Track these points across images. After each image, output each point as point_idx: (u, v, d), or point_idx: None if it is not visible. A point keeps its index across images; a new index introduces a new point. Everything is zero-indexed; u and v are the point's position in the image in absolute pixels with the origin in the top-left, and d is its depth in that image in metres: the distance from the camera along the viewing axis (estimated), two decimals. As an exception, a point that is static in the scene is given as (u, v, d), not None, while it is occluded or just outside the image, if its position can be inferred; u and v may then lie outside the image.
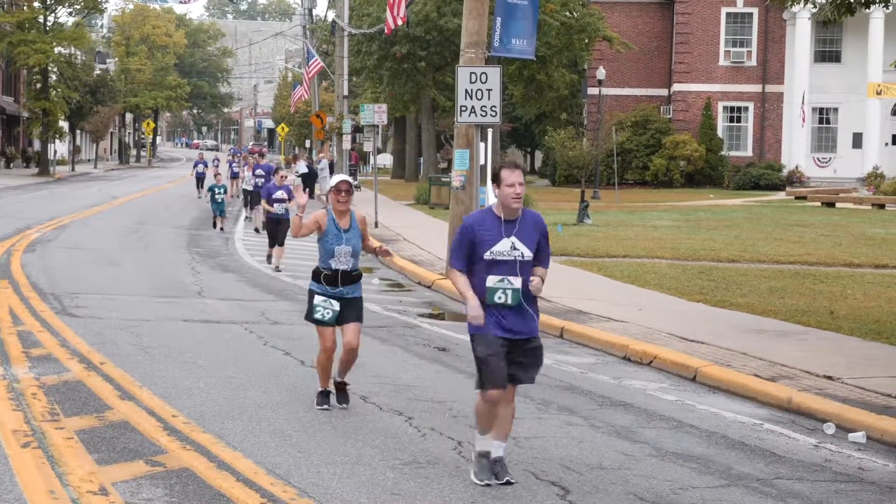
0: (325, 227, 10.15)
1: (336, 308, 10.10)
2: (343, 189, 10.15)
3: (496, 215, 8.23)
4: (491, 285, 8.12)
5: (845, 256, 24.95)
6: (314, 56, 57.13)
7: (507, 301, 8.09)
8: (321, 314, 10.12)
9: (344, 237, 10.15)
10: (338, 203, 10.16)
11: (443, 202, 37.94)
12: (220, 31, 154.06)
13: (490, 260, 8.11)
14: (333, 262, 10.13)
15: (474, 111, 20.23)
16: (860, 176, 58.32)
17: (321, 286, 10.19)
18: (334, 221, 10.19)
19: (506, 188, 8.16)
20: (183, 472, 8.22)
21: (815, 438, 10.01)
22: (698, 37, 62.01)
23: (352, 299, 10.26)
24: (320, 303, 10.12)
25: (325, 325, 10.18)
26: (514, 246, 8.14)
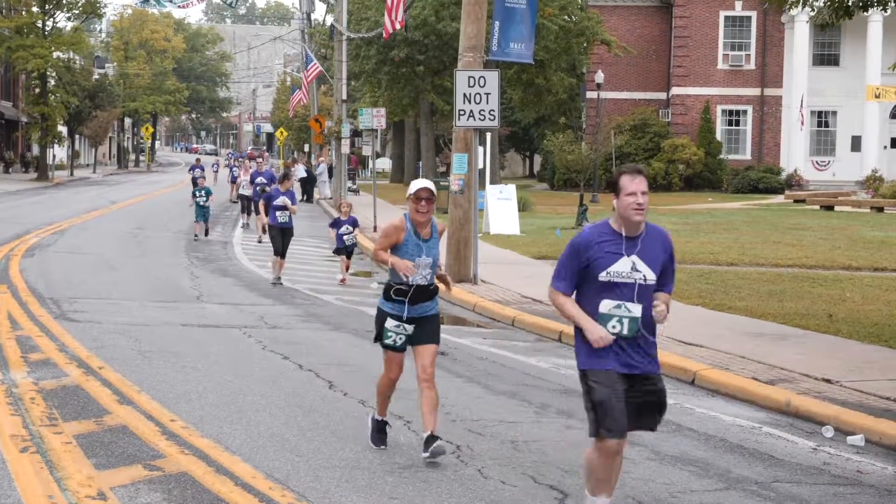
0: (405, 235, 9.05)
1: (409, 332, 9.11)
2: (423, 197, 8.99)
3: (615, 230, 7.15)
4: (605, 311, 7.06)
5: (844, 259, 24.95)
6: (313, 60, 57.13)
7: (623, 331, 7.05)
8: (393, 340, 9.12)
9: (424, 247, 9.06)
10: (417, 213, 9.00)
11: (442, 206, 37.82)
12: (218, 36, 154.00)
13: (606, 282, 7.04)
14: (408, 277, 8.97)
15: (473, 115, 20.23)
16: (859, 179, 58.36)
17: (393, 305, 9.06)
18: (414, 230, 9.06)
19: (626, 198, 7.02)
20: (181, 476, 8.21)
21: (814, 441, 10.00)
22: (697, 40, 62.06)
23: (429, 318, 9.17)
24: (393, 328, 9.09)
25: (396, 352, 9.25)
26: (635, 267, 7.07)
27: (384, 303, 9.15)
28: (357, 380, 12.03)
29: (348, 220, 22.09)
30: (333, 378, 12.06)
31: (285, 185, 21.69)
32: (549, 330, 15.78)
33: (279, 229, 21.38)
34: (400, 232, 9.03)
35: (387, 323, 9.11)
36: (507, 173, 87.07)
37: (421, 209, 8.99)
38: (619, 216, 7.09)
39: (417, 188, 9.06)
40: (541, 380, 12.53)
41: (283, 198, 21.30)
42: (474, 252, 20.86)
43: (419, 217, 9.02)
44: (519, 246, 27.38)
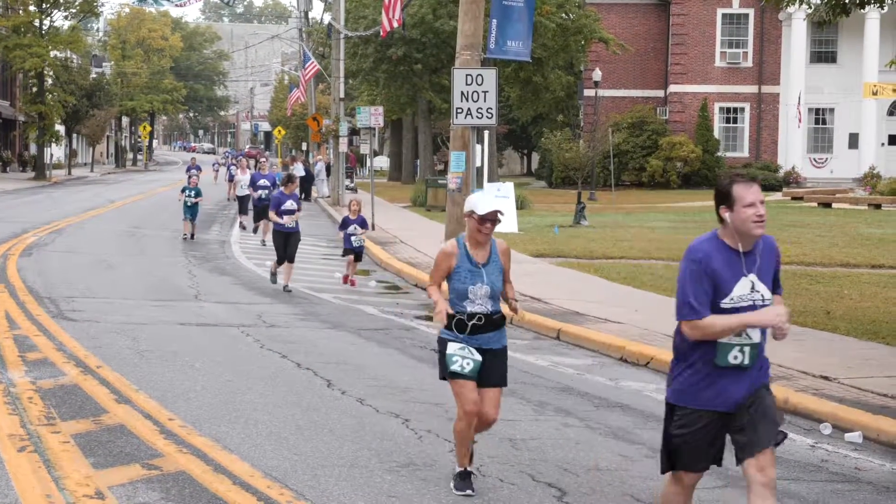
0: (457, 261, 8.06)
1: (478, 358, 7.97)
2: (490, 219, 7.95)
3: (727, 245, 6.19)
4: (724, 341, 6.18)
5: (842, 257, 24.96)
6: (310, 59, 57.11)
7: (745, 361, 6.20)
8: (459, 365, 7.91)
9: (480, 274, 8.03)
10: (479, 233, 7.98)
11: (439, 204, 37.96)
12: (216, 35, 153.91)
13: (727, 309, 6.14)
14: (469, 304, 8.01)
15: (470, 113, 20.23)
16: (857, 176, 58.39)
17: (455, 334, 8.03)
18: (467, 254, 8.06)
19: (744, 210, 6.09)
20: (179, 475, 8.21)
21: (812, 438, 10.01)
22: (694, 38, 62.07)
23: (495, 352, 8.11)
24: (457, 351, 7.95)
25: (466, 379, 7.95)
26: (753, 286, 6.18)
27: (444, 331, 8.10)
28: (355, 378, 12.04)
29: (357, 219, 21.01)
30: (332, 377, 12.06)
31: (290, 188, 20.47)
32: (547, 328, 15.79)
33: (285, 235, 20.10)
34: (450, 259, 8.05)
35: (449, 348, 8.00)
36: (504, 171, 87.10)
37: (484, 231, 7.98)
38: (736, 230, 6.12)
39: (487, 210, 7.94)
40: (539, 378, 12.53)
41: (290, 201, 20.06)
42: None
43: (479, 237, 8.02)
44: (517, 244, 27.37)
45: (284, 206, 20.01)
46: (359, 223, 20.94)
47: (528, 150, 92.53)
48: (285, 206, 20.02)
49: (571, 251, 25.67)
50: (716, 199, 6.26)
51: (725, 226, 6.17)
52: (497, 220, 8.00)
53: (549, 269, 22.79)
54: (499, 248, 8.19)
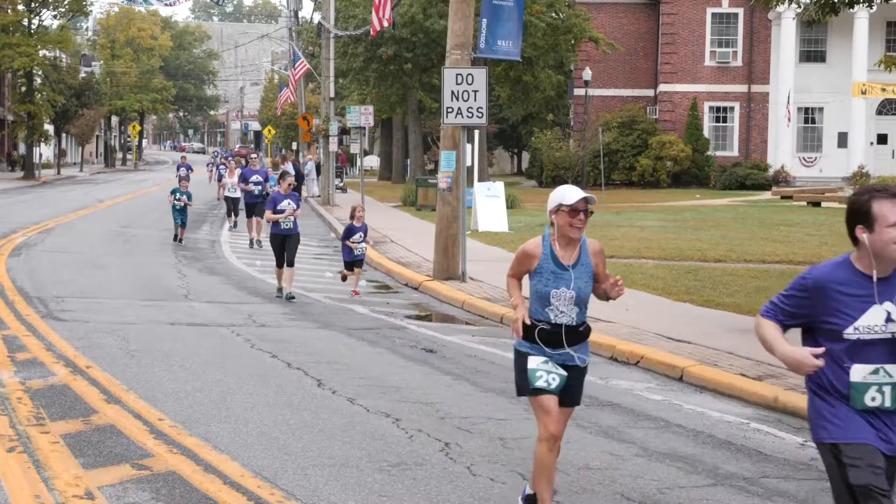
0: (539, 261, 7.19)
1: (563, 373, 7.17)
2: (582, 209, 7.07)
3: (859, 270, 5.45)
4: (858, 380, 5.43)
5: (831, 255, 24.86)
6: (300, 58, 57.07)
7: (885, 403, 5.42)
8: (545, 381, 7.09)
9: (566, 277, 7.13)
10: (571, 228, 7.09)
11: (430, 204, 37.95)
12: (205, 34, 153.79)
13: (854, 341, 5.40)
14: (551, 312, 7.12)
15: (461, 112, 20.23)
16: (846, 175, 58.50)
17: (535, 346, 7.17)
18: (553, 254, 7.17)
19: (888, 230, 5.31)
20: (169, 475, 8.20)
21: (802, 437, 10.02)
22: (684, 37, 62.13)
23: (579, 370, 7.32)
24: (540, 366, 7.11)
25: (550, 395, 7.13)
26: (889, 317, 5.38)
27: (521, 343, 7.21)
28: (345, 378, 12.03)
29: (362, 227, 19.65)
30: (322, 376, 12.05)
31: (285, 187, 19.36)
32: (537, 327, 15.77)
33: (282, 237, 18.96)
34: (531, 260, 7.18)
35: (530, 362, 7.14)
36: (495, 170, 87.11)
37: (577, 224, 7.07)
38: (873, 253, 5.36)
39: (577, 198, 7.05)
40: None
41: (287, 200, 18.96)
42: (462, 249, 20.86)
43: (571, 232, 7.10)
44: (507, 243, 27.38)
45: (281, 206, 18.95)
46: (363, 231, 19.67)
47: (518, 150, 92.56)
48: (281, 205, 18.94)
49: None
50: (850, 217, 5.44)
51: (860, 248, 5.42)
52: (589, 209, 7.10)
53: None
54: (590, 248, 7.28)
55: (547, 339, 7.14)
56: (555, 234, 7.17)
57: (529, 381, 7.12)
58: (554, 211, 7.13)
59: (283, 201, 18.98)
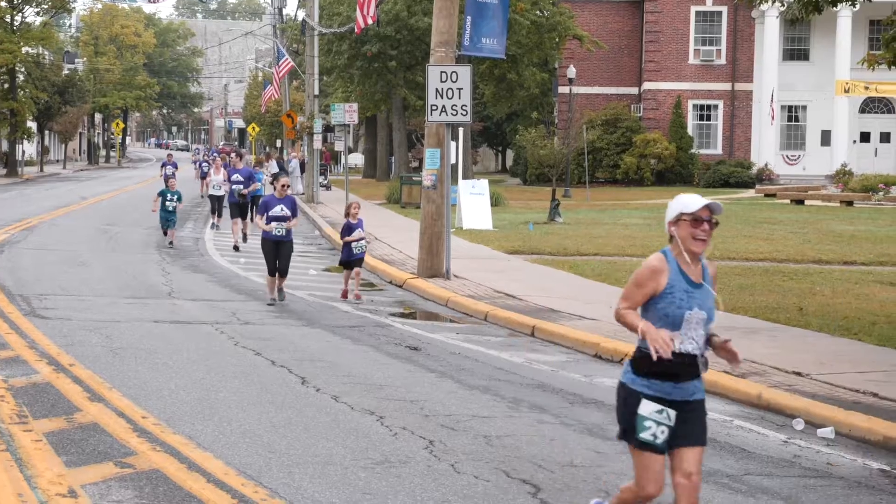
0: (668, 279, 6.31)
1: (672, 424, 6.24)
2: (706, 218, 6.33)
3: None
4: None
5: (814, 253, 25.08)
6: (284, 55, 56.94)
7: None
8: (652, 434, 6.23)
9: (698, 296, 6.32)
10: (694, 240, 6.32)
11: (414, 201, 37.95)
12: (189, 31, 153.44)
13: None
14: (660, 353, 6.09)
15: (445, 110, 20.23)
16: (829, 173, 58.68)
17: (650, 382, 6.27)
18: (681, 270, 6.33)
19: None
20: (153, 473, 8.18)
21: (785, 434, 10.06)
22: (668, 35, 62.24)
23: (695, 403, 6.38)
24: (653, 415, 6.22)
25: (657, 453, 6.29)
26: None
27: (635, 379, 6.32)
28: (330, 376, 12.02)
29: (358, 223, 18.70)
30: (306, 374, 12.04)
31: (280, 192, 18.06)
32: (521, 325, 15.80)
33: (273, 243, 17.91)
34: (659, 277, 6.29)
35: (642, 407, 6.24)
36: (479, 168, 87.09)
37: (700, 236, 6.30)
38: None
39: (700, 205, 6.32)
40: (514, 374, 12.55)
41: (281, 206, 17.87)
42: (447, 247, 20.86)
43: (694, 246, 6.30)
44: (491, 241, 27.40)
45: (272, 212, 17.79)
46: (361, 228, 18.74)
47: (502, 148, 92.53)
48: (273, 211, 17.79)
49: (546, 248, 25.70)
50: None
51: None
52: (714, 219, 6.36)
53: (523, 266, 22.82)
54: (709, 268, 6.49)
55: (669, 372, 6.23)
56: (676, 248, 6.37)
57: (637, 429, 6.23)
58: (674, 222, 6.40)
59: (277, 206, 17.83)
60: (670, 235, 6.42)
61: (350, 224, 18.70)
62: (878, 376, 11.88)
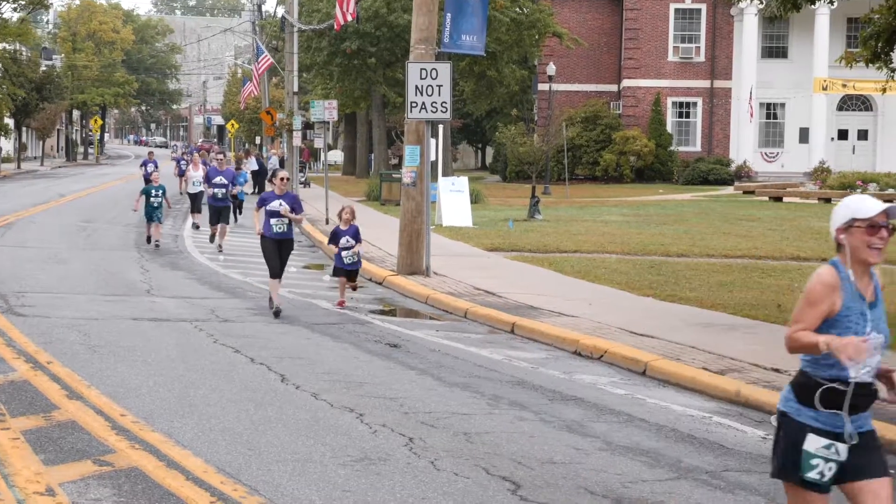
0: (843, 299, 5.48)
1: (843, 458, 5.43)
2: (882, 223, 5.47)
3: None
4: None
5: (792, 250, 25.17)
6: (263, 52, 56.86)
7: None
8: (819, 472, 5.44)
9: (873, 317, 5.51)
10: (868, 249, 5.52)
11: (394, 198, 37.93)
12: (168, 27, 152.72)
13: None
14: (854, 366, 5.29)
15: (425, 107, 20.22)
16: (807, 170, 58.91)
17: (818, 414, 5.46)
18: (855, 288, 5.51)
19: None
20: (131, 471, 8.15)
21: (763, 431, 10.08)
22: (647, 32, 62.36)
23: (869, 434, 5.53)
24: (821, 451, 5.42)
25: (820, 492, 5.49)
26: None
27: (800, 409, 5.52)
28: (309, 373, 12.00)
29: (349, 230, 17.31)
30: (286, 371, 12.02)
31: (280, 188, 16.51)
32: (501, 322, 15.80)
33: (275, 241, 16.51)
34: (834, 293, 5.47)
35: (808, 442, 5.44)
36: (459, 165, 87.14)
37: (877, 245, 5.49)
38: None
39: (875, 209, 5.47)
40: (493, 371, 12.55)
41: (279, 202, 16.32)
42: (427, 244, 20.85)
43: (870, 256, 5.50)
44: (471, 238, 27.40)
45: (271, 206, 16.34)
46: (351, 234, 17.29)
47: (482, 145, 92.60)
48: (271, 205, 16.34)
49: (525, 245, 25.71)
50: None
51: None
52: (890, 224, 5.47)
53: (503, 263, 22.83)
54: (878, 281, 5.68)
55: (841, 403, 5.42)
56: (846, 259, 5.55)
57: (801, 467, 5.43)
58: (843, 228, 5.55)
59: (274, 201, 16.35)
60: (838, 244, 5.60)
61: (337, 230, 17.42)
62: (856, 373, 11.92)
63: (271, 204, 16.35)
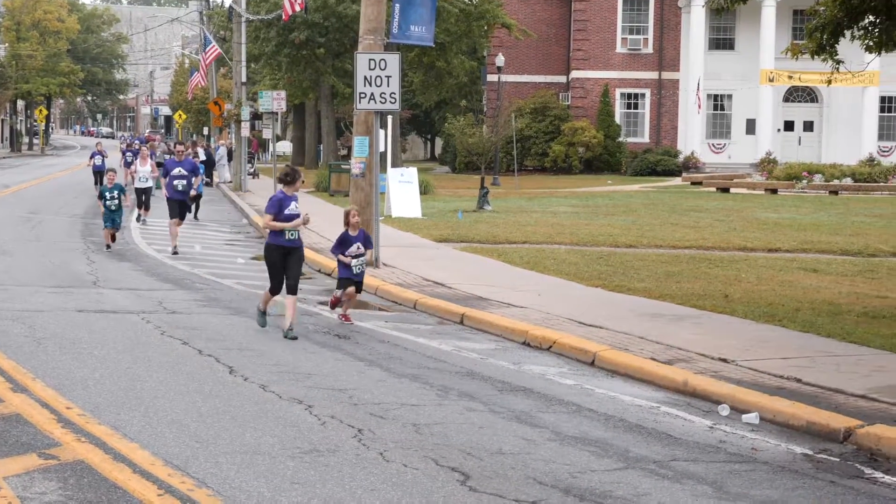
0: None
1: None
2: None
3: None
4: None
5: (739, 241, 25.37)
6: (211, 42, 56.49)
7: None
8: None
9: None
10: None
11: (343, 189, 37.84)
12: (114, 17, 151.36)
13: None
14: None
15: (374, 98, 20.18)
16: (754, 161, 59.38)
17: None
18: None
19: None
20: (77, 464, 8.08)
21: (710, 420, 10.16)
22: (596, 24, 62.55)
23: None
24: None
25: None
26: None
27: None
28: (257, 365, 11.95)
29: (359, 235, 15.31)
30: (234, 363, 11.96)
31: (294, 187, 14.27)
32: (450, 313, 15.81)
33: (282, 250, 14.11)
34: None
35: None
36: (408, 156, 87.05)
37: None
38: None
39: None
40: (442, 363, 12.55)
41: (293, 204, 14.09)
42: (376, 235, 20.81)
43: None
44: (420, 229, 27.38)
45: (289, 210, 14.01)
46: (362, 241, 15.34)
47: (431, 136, 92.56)
48: (289, 209, 14.02)
49: (475, 236, 25.73)
50: None
51: None
52: None
53: (452, 254, 22.83)
54: None
55: None
56: None
57: None
58: None
59: (291, 204, 14.08)
60: None
61: (346, 236, 15.24)
62: (802, 362, 12.05)
63: (289, 207, 14.00)
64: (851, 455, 9.14)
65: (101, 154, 41.47)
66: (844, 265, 21.48)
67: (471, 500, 7.61)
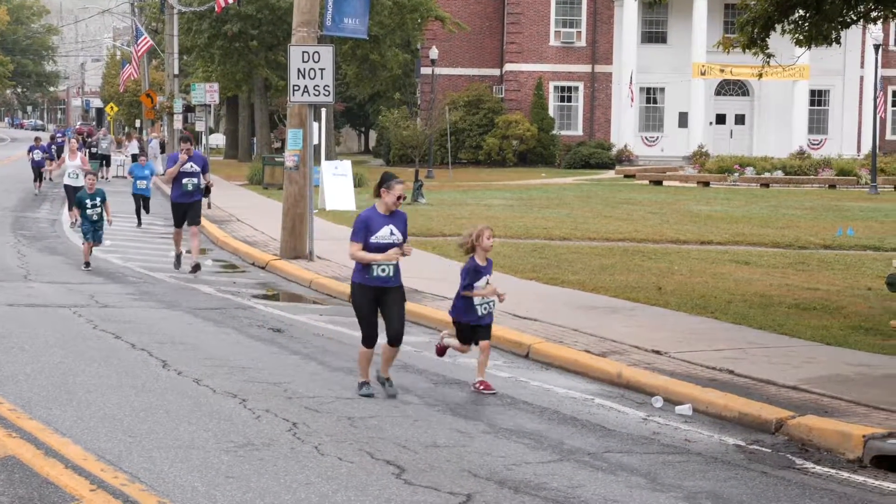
0: None
1: None
2: None
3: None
4: None
5: (672, 233, 25.59)
6: (143, 34, 56.00)
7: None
8: None
9: None
10: None
11: (276, 182, 37.65)
12: (44, 8, 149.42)
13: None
14: None
15: (307, 91, 20.10)
16: (686, 154, 59.94)
17: None
18: None
19: None
20: (8, 460, 7.98)
21: (644, 412, 10.25)
22: (529, 17, 62.75)
23: None
24: None
25: None
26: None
27: None
28: (191, 359, 11.87)
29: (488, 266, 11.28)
30: (167, 357, 11.87)
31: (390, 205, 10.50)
32: (385, 306, 15.78)
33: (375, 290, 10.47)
34: None
35: None
36: (342, 149, 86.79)
37: None
38: None
39: None
40: (378, 356, 12.52)
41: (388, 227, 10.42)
42: (310, 228, 20.76)
43: None
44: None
45: (378, 237, 10.37)
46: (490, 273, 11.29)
47: (365, 128, 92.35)
48: (379, 235, 10.37)
49: (409, 229, 25.67)
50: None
51: None
52: None
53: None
54: None
55: None
56: None
57: None
58: None
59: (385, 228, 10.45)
60: None
61: (477, 266, 11.21)
62: (734, 353, 12.19)
63: (379, 233, 10.40)
64: (783, 446, 9.27)
65: (40, 148, 40.44)
66: (776, 257, 21.76)
67: (406, 492, 7.62)
